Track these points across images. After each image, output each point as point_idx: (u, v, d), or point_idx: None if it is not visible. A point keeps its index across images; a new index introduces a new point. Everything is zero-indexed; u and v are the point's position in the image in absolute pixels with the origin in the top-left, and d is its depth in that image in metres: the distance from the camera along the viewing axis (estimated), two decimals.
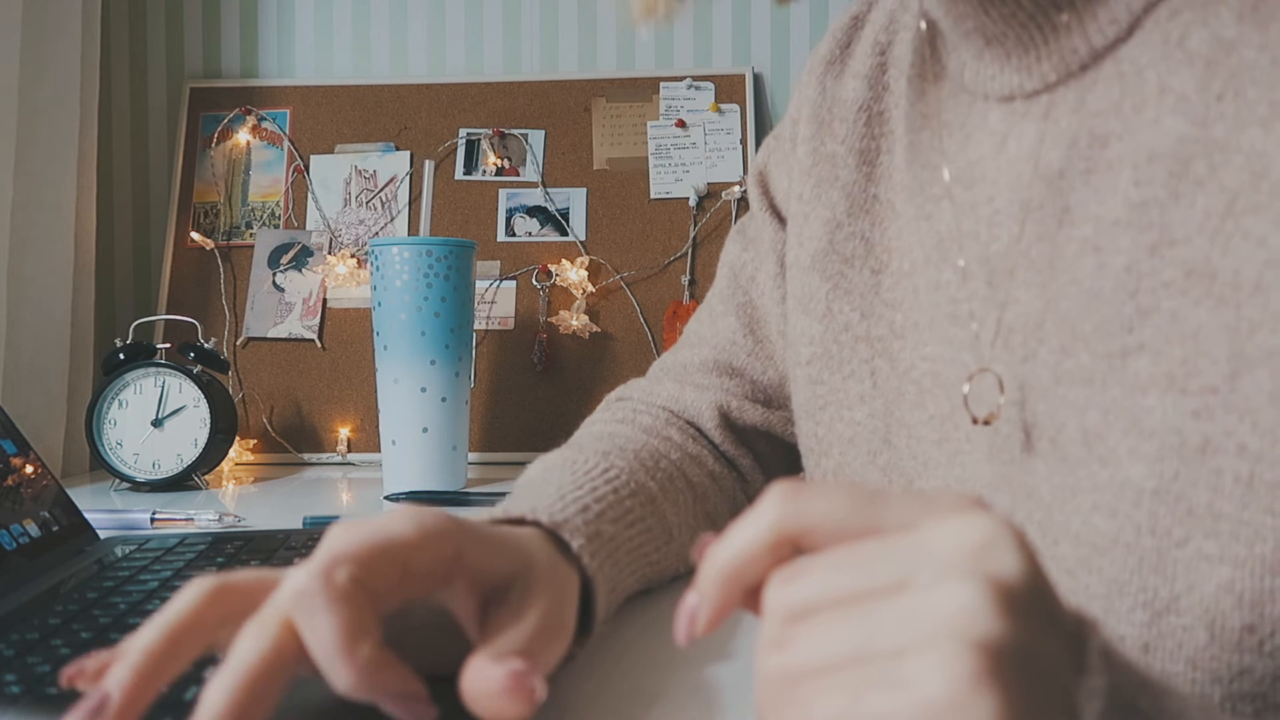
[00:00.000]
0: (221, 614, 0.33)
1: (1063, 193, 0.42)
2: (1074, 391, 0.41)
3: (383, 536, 0.33)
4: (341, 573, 0.31)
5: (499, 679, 0.32)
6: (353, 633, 0.31)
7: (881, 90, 0.55)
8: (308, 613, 0.31)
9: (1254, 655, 0.35)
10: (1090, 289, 0.41)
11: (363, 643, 0.31)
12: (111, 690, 0.30)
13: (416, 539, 0.34)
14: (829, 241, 0.55)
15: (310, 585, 0.31)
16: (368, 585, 0.32)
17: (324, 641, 0.31)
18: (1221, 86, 0.38)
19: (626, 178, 1.26)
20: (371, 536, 0.33)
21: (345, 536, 0.33)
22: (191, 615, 0.32)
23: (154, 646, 0.31)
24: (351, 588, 0.31)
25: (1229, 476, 0.36)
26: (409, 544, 0.34)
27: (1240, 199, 0.36)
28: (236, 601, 0.33)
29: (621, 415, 0.64)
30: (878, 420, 0.51)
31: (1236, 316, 0.36)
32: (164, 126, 1.34)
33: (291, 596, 0.31)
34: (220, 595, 0.33)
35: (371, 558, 0.33)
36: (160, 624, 0.32)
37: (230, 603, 0.33)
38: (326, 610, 0.31)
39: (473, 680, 0.32)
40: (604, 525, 0.47)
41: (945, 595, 0.24)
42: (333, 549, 0.32)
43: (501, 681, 0.32)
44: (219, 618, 0.33)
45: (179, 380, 1.02)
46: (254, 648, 0.31)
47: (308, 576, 0.31)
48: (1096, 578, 0.39)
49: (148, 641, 0.31)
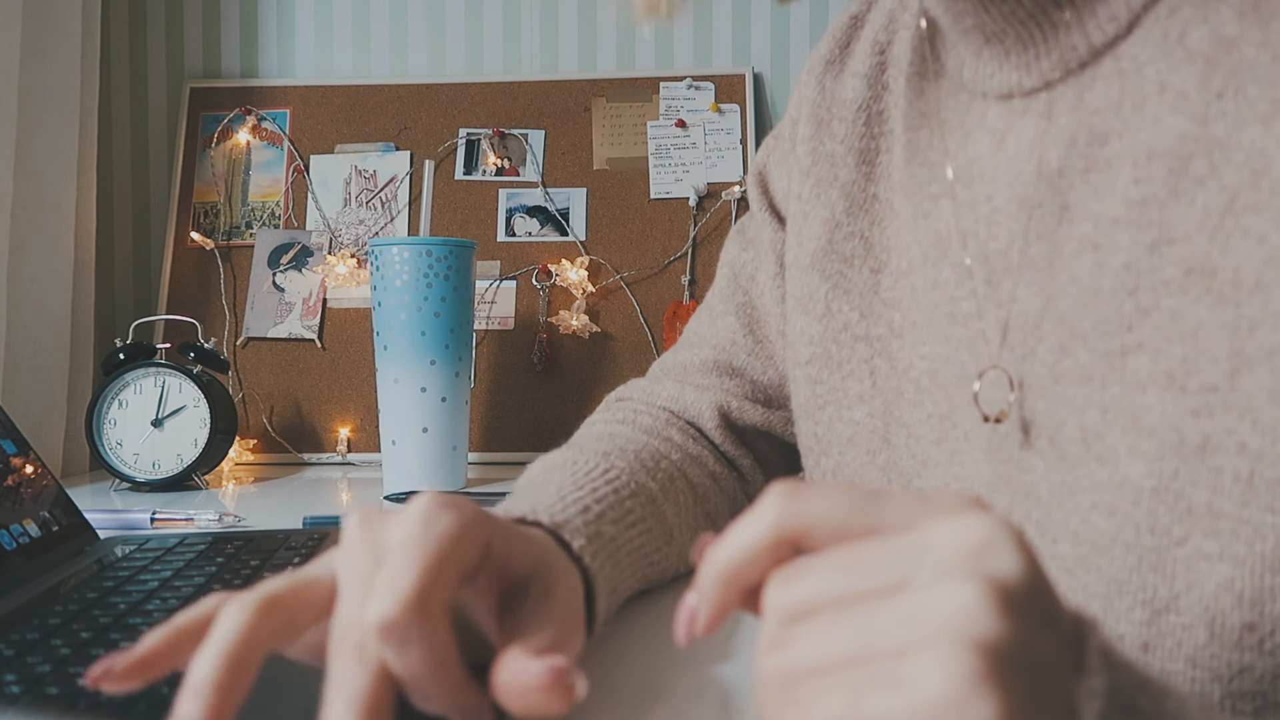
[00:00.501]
0: (273, 629, 0.32)
1: (1062, 191, 0.42)
2: (1073, 390, 0.41)
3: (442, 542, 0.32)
4: (437, 600, 0.31)
5: (540, 674, 0.31)
6: (447, 658, 0.31)
7: (881, 90, 0.55)
8: (401, 645, 0.30)
9: (1254, 653, 0.35)
10: (1089, 287, 0.41)
11: (455, 666, 0.31)
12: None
13: (462, 536, 0.33)
14: (828, 241, 0.55)
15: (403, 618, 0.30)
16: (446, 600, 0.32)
17: (419, 671, 0.30)
18: (1222, 84, 0.38)
19: (626, 178, 1.26)
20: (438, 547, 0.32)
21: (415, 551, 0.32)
22: (247, 636, 0.31)
23: (220, 677, 0.30)
24: (441, 611, 0.31)
25: (1229, 475, 0.36)
26: (461, 543, 0.33)
27: (1240, 197, 0.36)
28: (285, 614, 0.33)
29: (622, 416, 0.64)
30: (877, 420, 0.51)
31: (1236, 315, 0.36)
32: (164, 126, 1.34)
33: (380, 631, 0.30)
34: (270, 610, 0.32)
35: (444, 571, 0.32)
36: (218, 651, 0.31)
37: (280, 616, 0.32)
38: (422, 641, 0.30)
39: (511, 675, 0.32)
40: (604, 526, 0.47)
41: (945, 595, 0.24)
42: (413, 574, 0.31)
43: (543, 677, 0.31)
44: (271, 633, 0.32)
45: (179, 380, 1.02)
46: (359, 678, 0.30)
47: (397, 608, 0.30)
48: (1096, 576, 0.39)
49: (213, 673, 0.30)
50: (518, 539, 0.38)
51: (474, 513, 0.35)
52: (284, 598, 0.33)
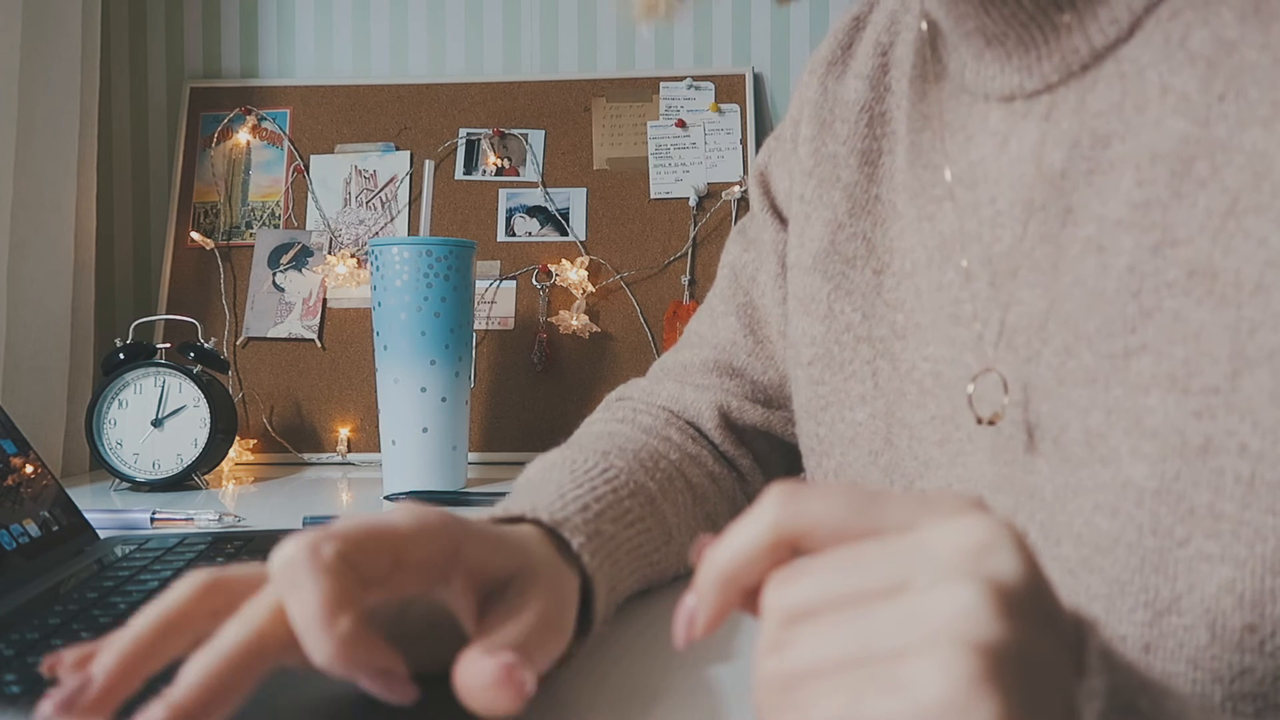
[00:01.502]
0: (213, 607, 0.33)
1: (1065, 193, 0.42)
2: (1077, 392, 0.41)
3: (377, 525, 0.34)
4: (328, 547, 0.32)
5: (490, 671, 0.32)
6: (334, 604, 0.31)
7: (883, 91, 0.55)
8: (291, 582, 0.31)
9: (1255, 655, 0.35)
10: (1093, 289, 0.41)
11: (343, 615, 0.31)
12: (95, 674, 0.31)
13: (412, 532, 0.34)
14: (830, 242, 0.55)
15: (296, 555, 0.31)
16: (355, 564, 0.32)
17: (305, 611, 0.31)
18: (1223, 87, 0.38)
19: (626, 178, 1.26)
20: (366, 523, 0.34)
21: (341, 522, 0.34)
22: (182, 607, 0.33)
23: (142, 636, 0.32)
24: (336, 562, 0.32)
25: (1230, 476, 0.36)
26: (404, 535, 0.34)
27: (1242, 199, 0.36)
28: (228, 596, 0.34)
29: (621, 415, 0.64)
30: (879, 421, 0.51)
31: (1238, 316, 0.36)
32: (164, 126, 1.34)
33: (277, 565, 0.32)
34: (212, 589, 0.33)
35: (363, 540, 0.33)
36: (150, 615, 0.32)
37: (222, 597, 0.34)
38: (310, 580, 0.31)
39: (465, 671, 0.33)
40: (604, 525, 0.47)
41: (944, 597, 0.24)
42: (325, 529, 0.33)
43: (492, 673, 0.32)
44: (210, 611, 0.33)
45: (179, 380, 1.02)
46: (238, 631, 0.31)
47: (295, 547, 0.32)
48: (1098, 578, 0.39)
49: (137, 631, 0.32)
50: (496, 543, 0.38)
51: (440, 520, 0.36)
52: (230, 582, 0.34)
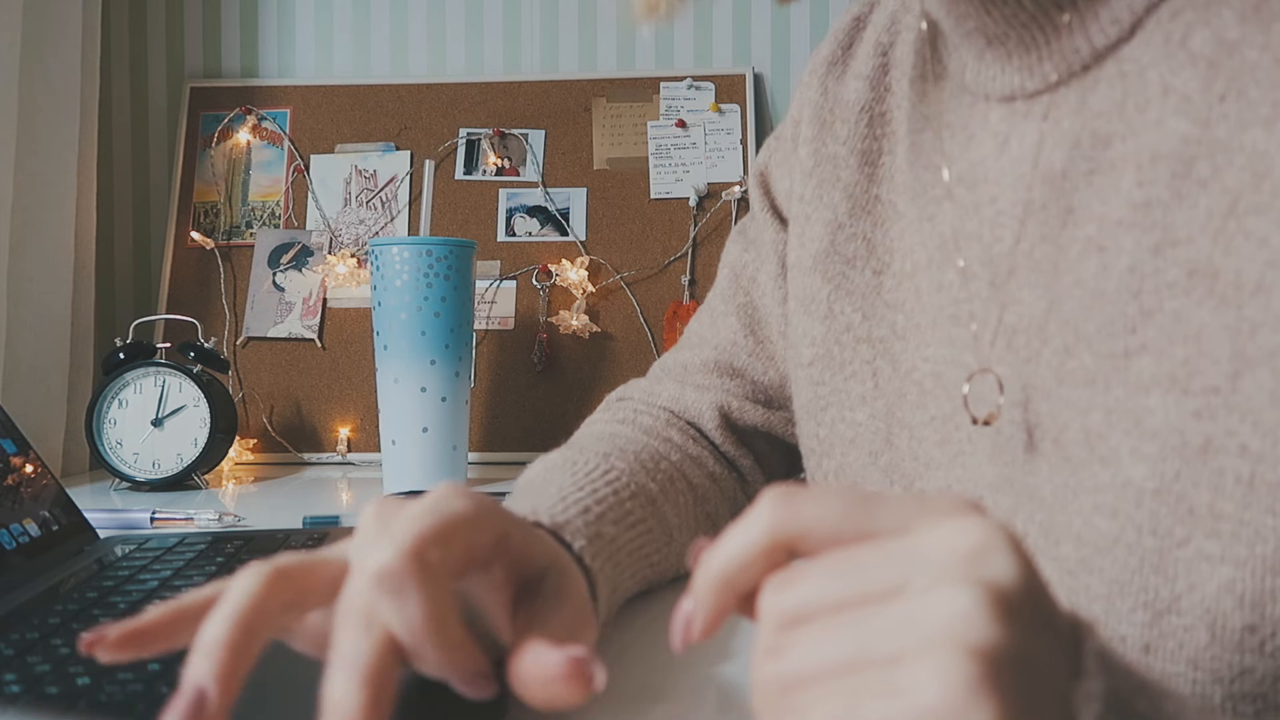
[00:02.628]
0: (285, 600, 0.32)
1: (1065, 193, 0.42)
2: (1077, 392, 0.41)
3: (451, 516, 0.33)
4: (434, 554, 0.31)
5: (559, 663, 0.31)
6: (444, 614, 0.31)
7: (883, 91, 0.55)
8: (397, 595, 0.30)
9: (1255, 655, 0.35)
10: (1093, 289, 0.41)
11: (453, 624, 0.31)
12: (205, 685, 0.30)
13: (476, 516, 0.34)
14: (831, 242, 0.55)
15: (399, 566, 0.30)
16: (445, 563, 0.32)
17: (415, 624, 0.30)
18: (1224, 87, 0.38)
19: (626, 178, 1.26)
20: (443, 517, 0.33)
21: (420, 517, 0.33)
22: (258, 602, 0.31)
23: (232, 638, 0.30)
24: (441, 570, 0.31)
25: (1230, 477, 0.36)
26: (471, 520, 0.34)
27: (1242, 199, 0.36)
28: (295, 588, 0.33)
29: (622, 416, 0.64)
30: (879, 421, 0.51)
31: (1238, 317, 0.36)
32: (164, 126, 1.34)
33: (377, 578, 0.31)
34: (280, 580, 0.32)
35: (447, 538, 0.32)
36: (229, 614, 0.31)
37: (290, 588, 0.33)
38: (418, 592, 0.30)
39: (530, 665, 0.32)
40: (605, 527, 0.47)
41: (941, 601, 0.24)
42: (414, 530, 0.32)
43: (562, 666, 0.31)
44: (282, 604, 0.32)
45: (179, 380, 1.02)
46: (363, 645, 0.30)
47: (396, 557, 0.31)
48: (1098, 578, 0.39)
49: (223, 634, 0.31)
50: (534, 535, 0.38)
51: (490, 503, 0.35)
52: (296, 571, 0.33)
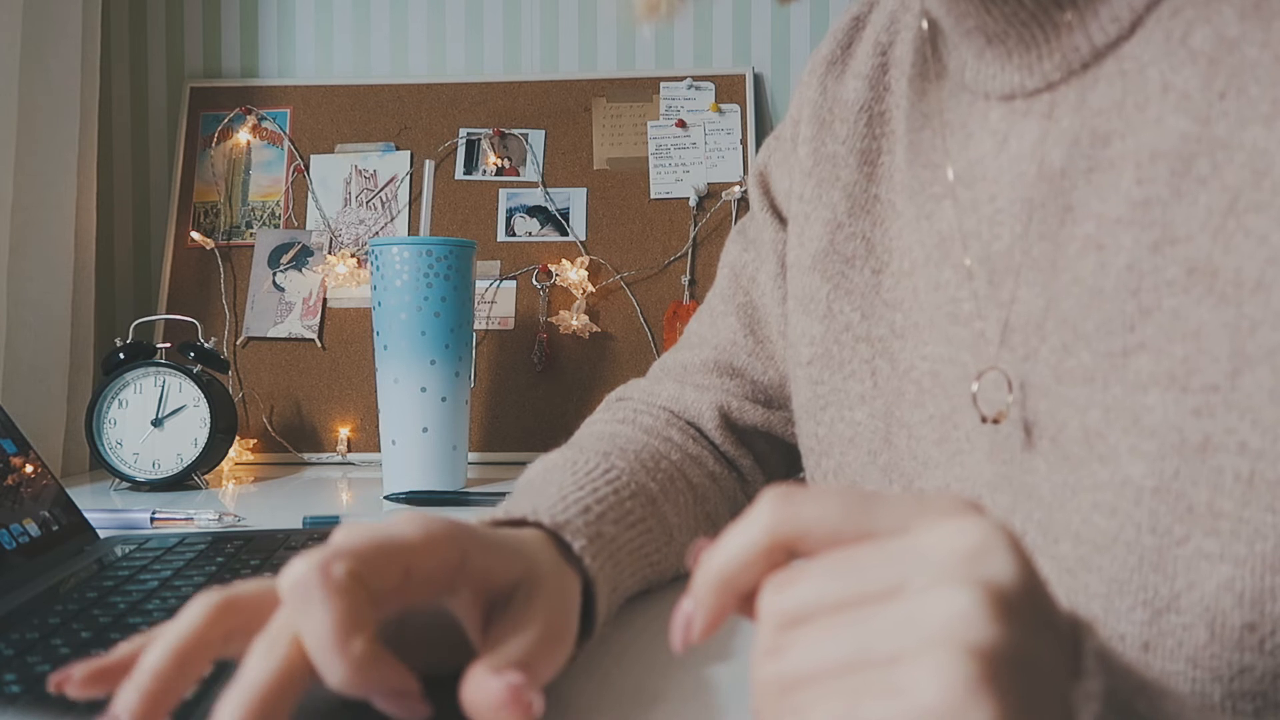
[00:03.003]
0: (227, 630, 0.33)
1: (1065, 191, 0.42)
2: (1075, 390, 0.41)
3: (386, 537, 0.33)
4: (339, 566, 0.31)
5: (497, 691, 0.32)
6: (347, 626, 0.30)
7: (883, 90, 0.55)
8: (303, 604, 0.31)
9: (1254, 654, 0.35)
10: (1092, 287, 0.41)
11: (356, 637, 0.30)
12: (121, 714, 0.30)
13: (421, 543, 0.34)
14: (830, 242, 0.55)
15: (307, 577, 0.31)
16: (366, 582, 0.32)
17: (318, 634, 0.30)
18: (1224, 84, 0.38)
19: (626, 178, 1.26)
20: (374, 536, 0.33)
21: (348, 535, 0.33)
22: (197, 633, 0.32)
23: (161, 667, 0.31)
24: (348, 582, 0.31)
25: (1229, 474, 0.36)
26: (412, 547, 0.34)
27: (1242, 197, 0.36)
28: (242, 616, 0.33)
29: (622, 416, 0.64)
30: (878, 420, 0.51)
31: (1238, 314, 0.36)
32: (164, 126, 1.34)
33: (288, 588, 0.31)
34: (225, 611, 0.33)
35: (373, 556, 0.33)
36: (166, 643, 0.32)
37: (236, 617, 0.33)
38: (322, 602, 0.30)
39: (472, 691, 0.32)
40: (605, 526, 0.47)
41: (940, 601, 0.24)
42: (334, 545, 0.32)
43: (499, 694, 0.32)
44: (225, 634, 0.33)
45: (179, 380, 1.02)
46: (264, 665, 0.31)
47: (305, 568, 0.31)
48: (1097, 576, 0.39)
49: (155, 662, 0.31)
50: (501, 550, 0.37)
51: (446, 530, 0.35)
52: (245, 601, 0.33)
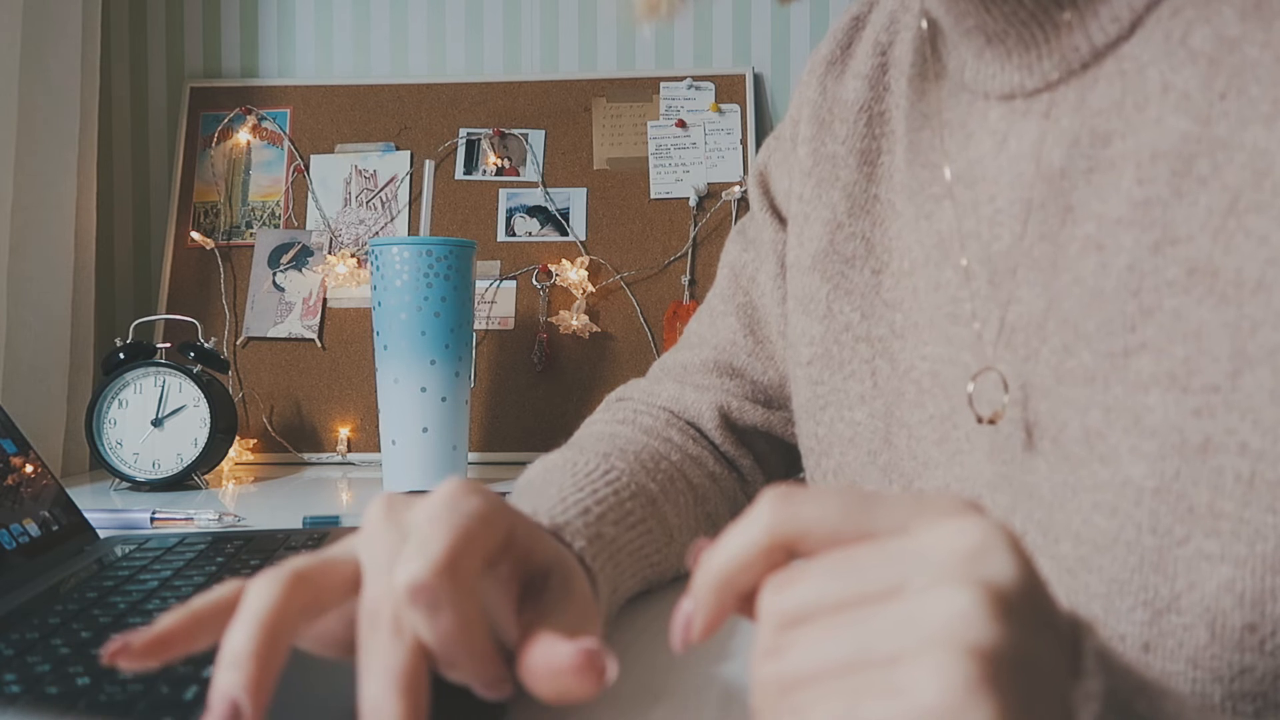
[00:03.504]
0: (303, 604, 0.32)
1: (1065, 191, 0.42)
2: (1076, 390, 0.41)
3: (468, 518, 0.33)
4: (463, 564, 0.31)
5: (571, 655, 0.31)
6: (475, 625, 0.31)
7: (882, 91, 0.55)
8: (431, 609, 0.30)
9: (1255, 654, 0.35)
10: (1093, 288, 0.41)
11: (482, 634, 0.31)
12: (238, 696, 0.30)
13: (488, 516, 0.34)
14: (830, 242, 0.55)
15: (434, 581, 0.31)
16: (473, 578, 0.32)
17: (448, 637, 0.31)
18: (1224, 84, 0.38)
19: (626, 178, 1.26)
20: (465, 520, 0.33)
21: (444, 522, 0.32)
22: (279, 609, 0.31)
23: (258, 647, 0.30)
24: (470, 578, 0.31)
25: (1230, 475, 0.36)
26: (487, 519, 0.34)
27: (1243, 197, 0.36)
28: (313, 589, 0.33)
29: (622, 416, 0.64)
30: (878, 420, 0.51)
31: (1238, 315, 0.36)
32: (164, 126, 1.34)
33: (410, 593, 0.31)
34: (298, 584, 0.32)
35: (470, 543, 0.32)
36: (253, 623, 0.31)
37: (308, 591, 0.33)
38: (451, 606, 0.30)
39: (541, 657, 0.32)
40: (605, 527, 0.47)
41: (940, 601, 0.24)
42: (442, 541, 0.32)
43: (574, 658, 0.31)
44: (301, 608, 0.32)
45: (179, 380, 1.02)
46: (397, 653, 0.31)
47: (429, 570, 0.31)
48: (1097, 576, 0.39)
49: (249, 644, 0.30)
50: (538, 532, 0.38)
51: (497, 500, 0.36)
52: (311, 573, 0.33)
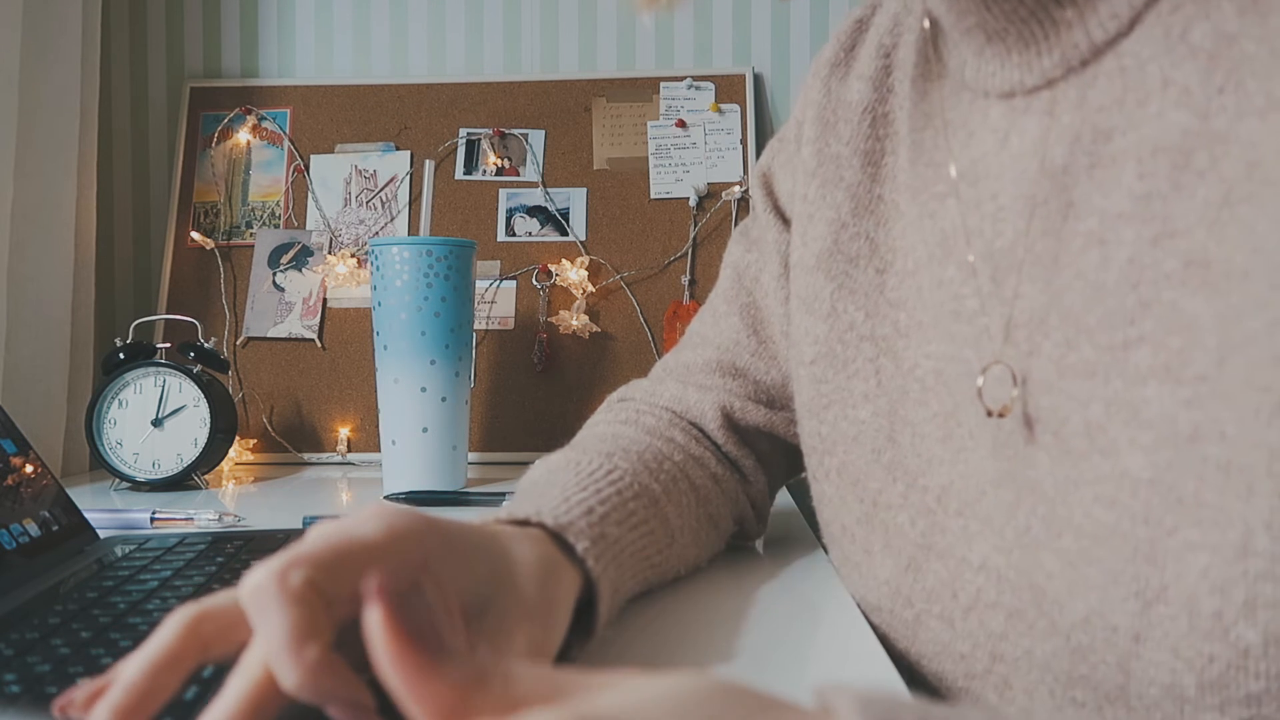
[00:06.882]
0: (203, 642, 0.33)
1: (1067, 187, 0.43)
2: (1077, 385, 0.41)
3: (346, 540, 0.33)
4: (296, 575, 0.31)
5: None
6: (301, 633, 0.31)
7: (886, 92, 0.55)
8: (260, 610, 0.31)
9: (1220, 642, 0.35)
10: (1094, 282, 0.41)
11: (310, 645, 0.31)
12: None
13: (383, 543, 0.34)
14: (834, 241, 0.55)
15: (264, 584, 0.31)
16: (323, 589, 0.32)
17: (273, 640, 0.31)
18: (1223, 79, 0.38)
19: (626, 178, 1.26)
20: (334, 540, 0.33)
21: (310, 540, 0.33)
22: (171, 648, 0.33)
23: (136, 682, 0.32)
24: (305, 590, 0.31)
25: (1212, 464, 0.36)
26: (374, 547, 0.34)
27: (1236, 189, 0.37)
28: (215, 627, 0.33)
29: (625, 416, 0.64)
30: (882, 419, 0.51)
31: (1226, 305, 0.36)
32: (164, 126, 1.34)
33: (247, 596, 0.32)
34: (198, 623, 0.33)
35: (332, 561, 0.32)
36: (142, 659, 0.32)
37: (209, 627, 0.33)
38: (278, 610, 0.31)
39: None
40: (608, 528, 0.47)
41: None
42: (293, 551, 0.32)
43: None
44: (201, 646, 0.33)
45: (179, 380, 1.02)
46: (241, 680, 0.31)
47: (264, 575, 0.31)
48: (1096, 569, 0.39)
49: (130, 677, 0.32)
50: (469, 560, 0.37)
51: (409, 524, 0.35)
52: (216, 607, 0.34)
